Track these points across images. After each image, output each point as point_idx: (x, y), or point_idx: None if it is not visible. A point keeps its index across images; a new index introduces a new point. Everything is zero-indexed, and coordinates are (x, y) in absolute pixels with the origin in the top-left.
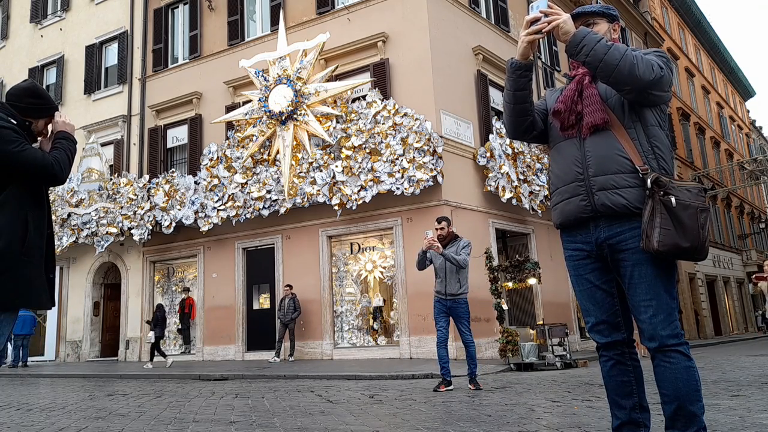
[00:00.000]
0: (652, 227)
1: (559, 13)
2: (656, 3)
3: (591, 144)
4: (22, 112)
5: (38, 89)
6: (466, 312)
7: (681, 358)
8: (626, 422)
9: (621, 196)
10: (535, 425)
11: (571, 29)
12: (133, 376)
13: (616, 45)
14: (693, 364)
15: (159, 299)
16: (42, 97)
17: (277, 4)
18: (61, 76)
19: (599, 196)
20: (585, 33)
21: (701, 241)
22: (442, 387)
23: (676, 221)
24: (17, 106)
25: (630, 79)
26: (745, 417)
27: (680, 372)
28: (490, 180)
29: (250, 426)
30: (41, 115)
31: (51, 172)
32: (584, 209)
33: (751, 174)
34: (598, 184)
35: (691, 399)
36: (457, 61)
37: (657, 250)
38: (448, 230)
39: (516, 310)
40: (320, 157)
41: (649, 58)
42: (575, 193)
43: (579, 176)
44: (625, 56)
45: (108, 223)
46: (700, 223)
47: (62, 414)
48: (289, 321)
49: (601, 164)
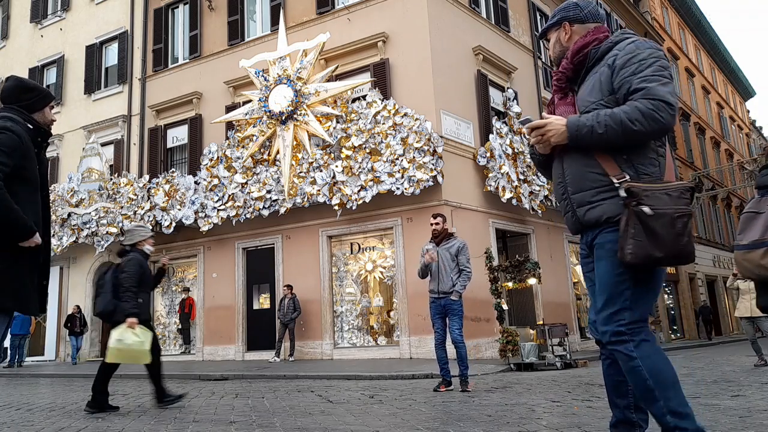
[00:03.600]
0: (625, 238)
1: (547, 127)
2: (656, 3)
3: (567, 162)
4: (27, 110)
5: (27, 82)
6: (460, 310)
7: (622, 357)
8: (621, 420)
9: (597, 210)
10: (535, 425)
11: (563, 132)
12: (133, 376)
13: (608, 116)
14: (637, 363)
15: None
16: (34, 87)
17: (277, 4)
18: (61, 76)
19: (579, 212)
20: (574, 128)
21: (678, 248)
22: (442, 387)
23: (649, 231)
24: (22, 105)
25: (641, 137)
26: (745, 417)
27: (626, 370)
28: (490, 180)
29: (250, 426)
30: (43, 104)
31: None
32: (575, 224)
33: (751, 174)
34: (576, 201)
35: (645, 399)
36: (457, 61)
37: (629, 263)
38: (443, 226)
39: (516, 310)
40: (320, 157)
41: (644, 106)
42: (566, 210)
43: (563, 195)
44: (623, 127)
45: (108, 223)
46: (676, 230)
47: (62, 414)
48: (289, 321)
49: (576, 182)
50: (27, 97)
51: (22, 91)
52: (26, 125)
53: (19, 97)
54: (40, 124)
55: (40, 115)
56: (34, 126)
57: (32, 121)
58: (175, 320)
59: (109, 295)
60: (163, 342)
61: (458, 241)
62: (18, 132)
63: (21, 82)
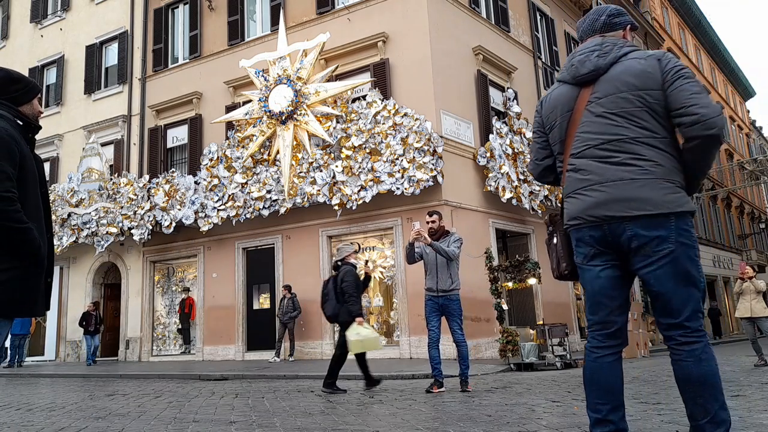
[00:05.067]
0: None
1: None
2: (656, 3)
3: None
4: (15, 101)
5: (13, 73)
6: (459, 309)
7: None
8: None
9: None
10: (535, 425)
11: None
12: (133, 376)
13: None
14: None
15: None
16: (21, 79)
17: (277, 4)
18: (61, 76)
19: None
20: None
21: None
22: (435, 388)
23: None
24: (8, 98)
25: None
26: (745, 417)
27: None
28: (490, 180)
29: (250, 426)
30: (31, 96)
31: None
32: None
33: (751, 174)
34: None
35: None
36: (457, 61)
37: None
38: (440, 224)
39: (516, 310)
40: (320, 157)
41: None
42: None
43: None
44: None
45: (108, 223)
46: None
47: (62, 414)
48: (289, 321)
49: None
50: (14, 89)
51: (8, 83)
52: (16, 121)
53: (6, 89)
54: (29, 117)
55: (28, 108)
56: (24, 121)
57: (20, 115)
58: (175, 320)
59: (334, 301)
60: (163, 342)
61: (454, 235)
62: (10, 133)
63: (7, 73)
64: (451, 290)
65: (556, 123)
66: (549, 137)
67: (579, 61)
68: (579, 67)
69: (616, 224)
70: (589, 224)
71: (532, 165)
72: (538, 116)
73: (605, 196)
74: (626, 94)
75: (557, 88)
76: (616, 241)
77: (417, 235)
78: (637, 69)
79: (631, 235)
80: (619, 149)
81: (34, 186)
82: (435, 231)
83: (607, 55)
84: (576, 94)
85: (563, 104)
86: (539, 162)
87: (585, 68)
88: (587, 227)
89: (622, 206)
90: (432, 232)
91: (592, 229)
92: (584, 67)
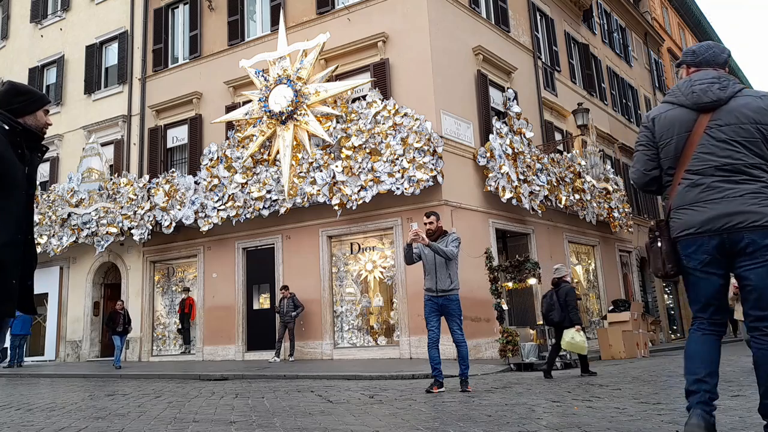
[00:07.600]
0: None
1: None
2: (656, 3)
3: None
4: (16, 113)
5: (19, 86)
6: (459, 309)
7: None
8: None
9: None
10: (535, 425)
11: None
12: (133, 376)
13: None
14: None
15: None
16: (27, 92)
17: (277, 4)
18: (61, 76)
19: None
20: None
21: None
22: (435, 388)
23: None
24: (9, 109)
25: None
26: (745, 417)
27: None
28: (490, 180)
29: (250, 426)
30: (35, 107)
31: None
32: None
33: None
34: None
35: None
36: (457, 61)
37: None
38: (437, 225)
39: (516, 310)
40: (320, 157)
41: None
42: None
43: None
44: None
45: (108, 223)
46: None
47: (62, 414)
48: (289, 320)
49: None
50: (18, 100)
51: (13, 95)
52: (2, 126)
53: (10, 101)
54: (30, 126)
55: (32, 119)
56: (21, 128)
57: (12, 122)
58: (175, 320)
59: (559, 310)
60: (163, 342)
61: (452, 235)
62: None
63: (14, 86)
64: (451, 290)
65: (671, 141)
66: (661, 152)
67: (701, 90)
68: (701, 96)
69: (736, 233)
70: (711, 233)
71: (638, 174)
72: (647, 131)
73: (727, 209)
74: (747, 126)
75: (672, 109)
76: (733, 248)
77: (415, 236)
78: (755, 105)
79: (748, 242)
80: (738, 171)
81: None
82: (433, 232)
83: (726, 89)
84: (695, 117)
85: (681, 125)
86: (647, 172)
87: (707, 97)
88: (708, 236)
89: (743, 218)
90: (430, 233)
91: (713, 238)
92: (707, 96)
